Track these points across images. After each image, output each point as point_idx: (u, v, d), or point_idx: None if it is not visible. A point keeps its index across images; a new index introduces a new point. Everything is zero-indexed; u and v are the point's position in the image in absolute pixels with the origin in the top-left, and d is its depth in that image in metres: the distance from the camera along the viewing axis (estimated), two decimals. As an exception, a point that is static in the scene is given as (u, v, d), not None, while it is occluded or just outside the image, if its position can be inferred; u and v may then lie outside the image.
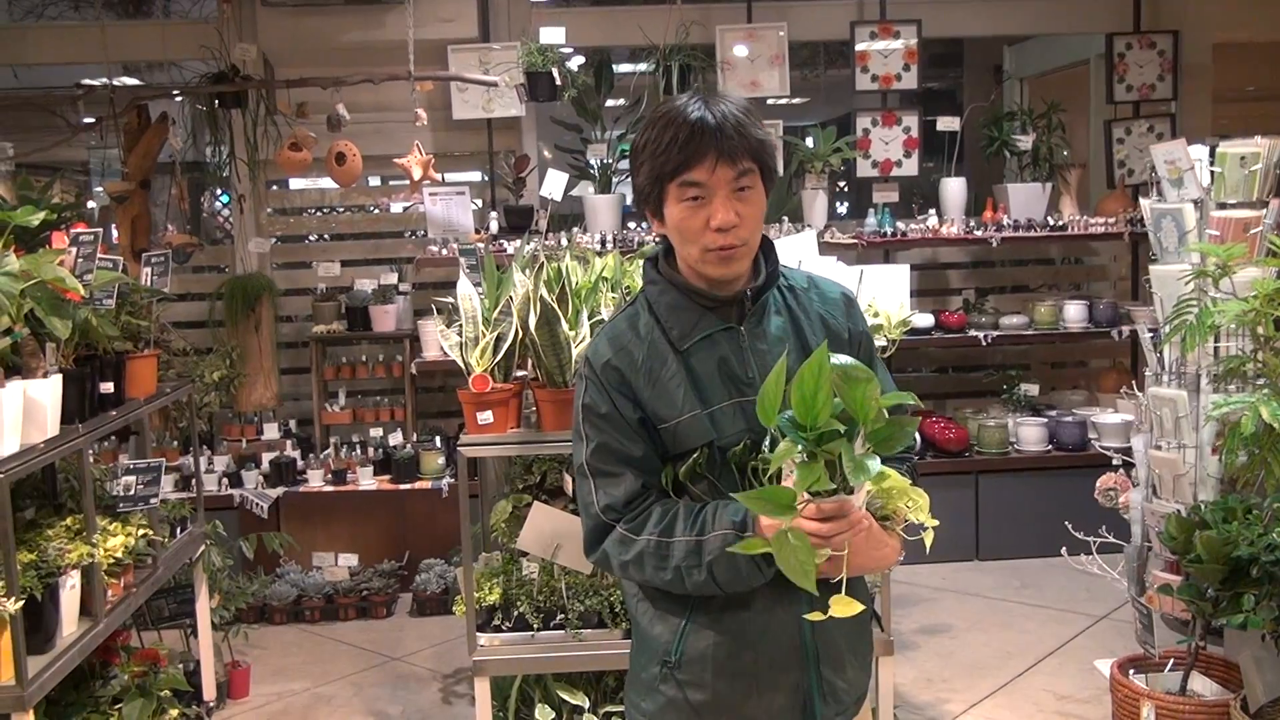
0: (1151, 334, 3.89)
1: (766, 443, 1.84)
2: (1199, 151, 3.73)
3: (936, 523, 1.89)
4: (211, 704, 4.35)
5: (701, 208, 1.87)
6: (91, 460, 3.40)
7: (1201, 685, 3.43)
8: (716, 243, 1.87)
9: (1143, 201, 3.96)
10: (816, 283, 2.08)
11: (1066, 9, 6.71)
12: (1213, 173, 3.65)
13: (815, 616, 1.73)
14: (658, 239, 2.01)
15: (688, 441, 1.91)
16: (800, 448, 1.68)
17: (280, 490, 5.68)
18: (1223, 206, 3.62)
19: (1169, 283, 3.69)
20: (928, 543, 1.86)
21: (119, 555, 3.47)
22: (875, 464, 1.67)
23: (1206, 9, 6.58)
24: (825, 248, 5.42)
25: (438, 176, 5.57)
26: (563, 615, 3.44)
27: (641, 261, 2.07)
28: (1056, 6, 6.71)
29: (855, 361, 1.71)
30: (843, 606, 1.70)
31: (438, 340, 3.84)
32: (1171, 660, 3.54)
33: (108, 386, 3.57)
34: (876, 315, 3.37)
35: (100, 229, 3.55)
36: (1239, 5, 6.68)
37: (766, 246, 2.00)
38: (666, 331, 1.95)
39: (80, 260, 3.43)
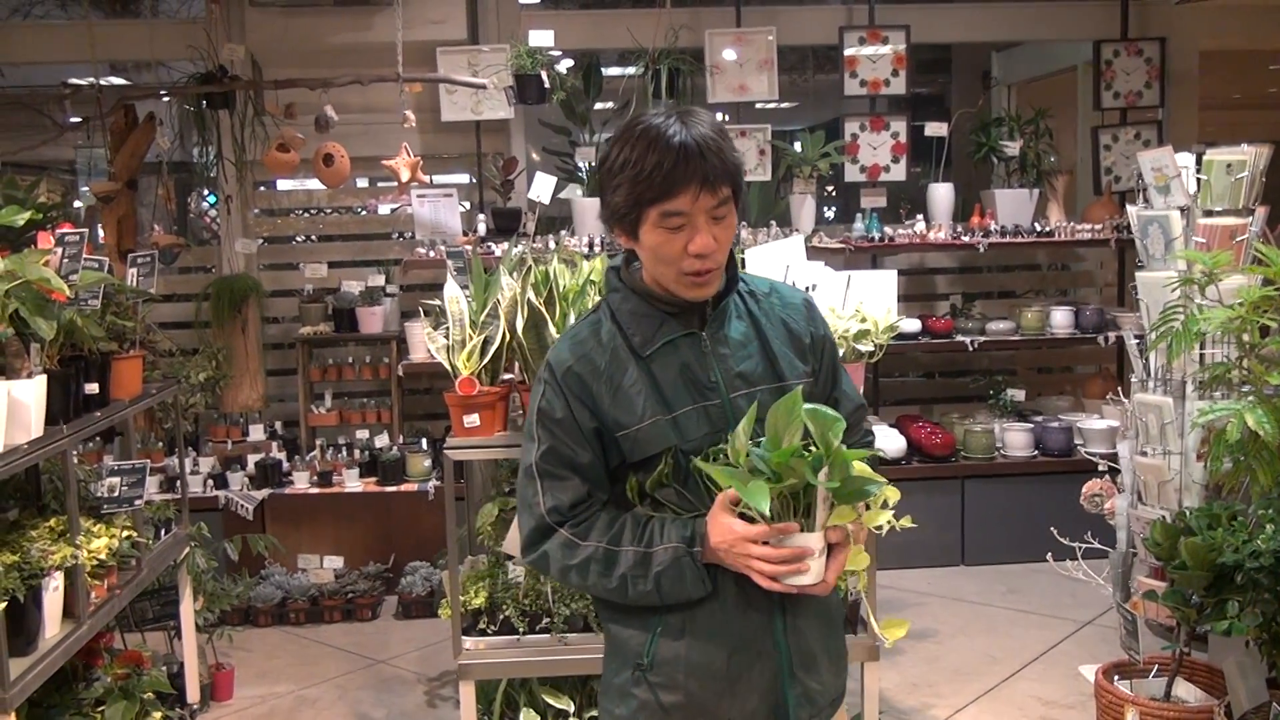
0: (1137, 340, 3.90)
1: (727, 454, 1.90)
2: (1185, 159, 3.74)
3: (912, 524, 1.95)
4: (195, 706, 4.33)
5: (680, 233, 1.87)
6: (76, 461, 3.38)
7: (1186, 691, 3.44)
8: (694, 267, 1.89)
9: (1129, 208, 3.98)
10: (777, 288, 2.11)
11: (1054, 16, 6.73)
12: (1199, 180, 3.67)
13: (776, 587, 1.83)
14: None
15: (650, 447, 1.92)
16: (766, 474, 1.75)
17: (265, 492, 5.66)
18: (1209, 214, 3.63)
19: (1155, 289, 3.71)
20: (893, 525, 1.99)
21: (103, 557, 3.46)
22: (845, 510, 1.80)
23: (1193, 17, 6.61)
24: (813, 252, 5.42)
25: (426, 178, 5.56)
26: (548, 619, 3.43)
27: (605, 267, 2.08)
28: (1045, 13, 6.73)
29: (824, 408, 1.82)
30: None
31: (424, 342, 3.83)
32: (1156, 666, 3.55)
33: (93, 387, 3.55)
34: (864, 320, 3.37)
35: (86, 229, 3.52)
36: (1225, 14, 6.71)
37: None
38: (629, 338, 1.96)
39: (66, 260, 3.42)
